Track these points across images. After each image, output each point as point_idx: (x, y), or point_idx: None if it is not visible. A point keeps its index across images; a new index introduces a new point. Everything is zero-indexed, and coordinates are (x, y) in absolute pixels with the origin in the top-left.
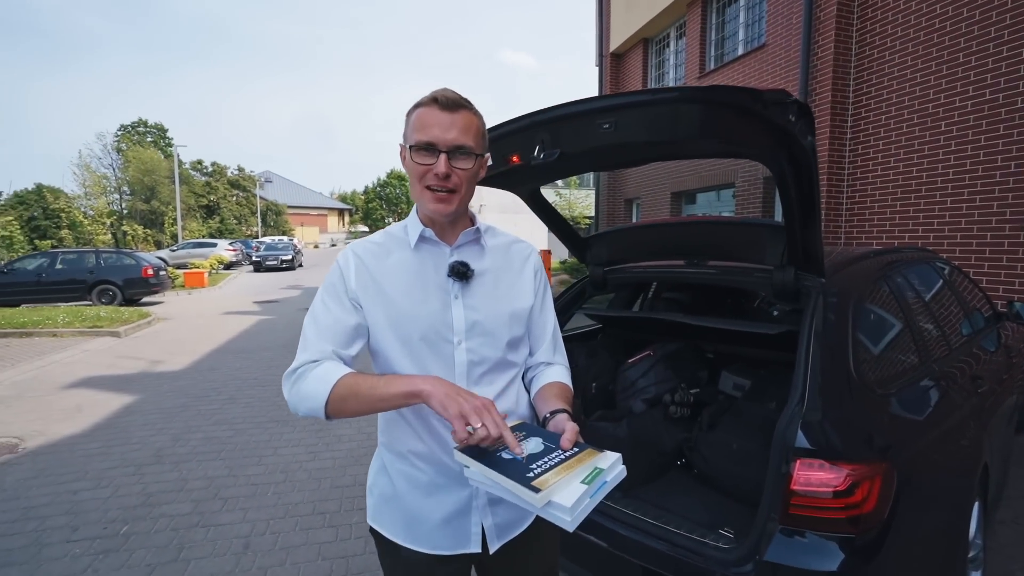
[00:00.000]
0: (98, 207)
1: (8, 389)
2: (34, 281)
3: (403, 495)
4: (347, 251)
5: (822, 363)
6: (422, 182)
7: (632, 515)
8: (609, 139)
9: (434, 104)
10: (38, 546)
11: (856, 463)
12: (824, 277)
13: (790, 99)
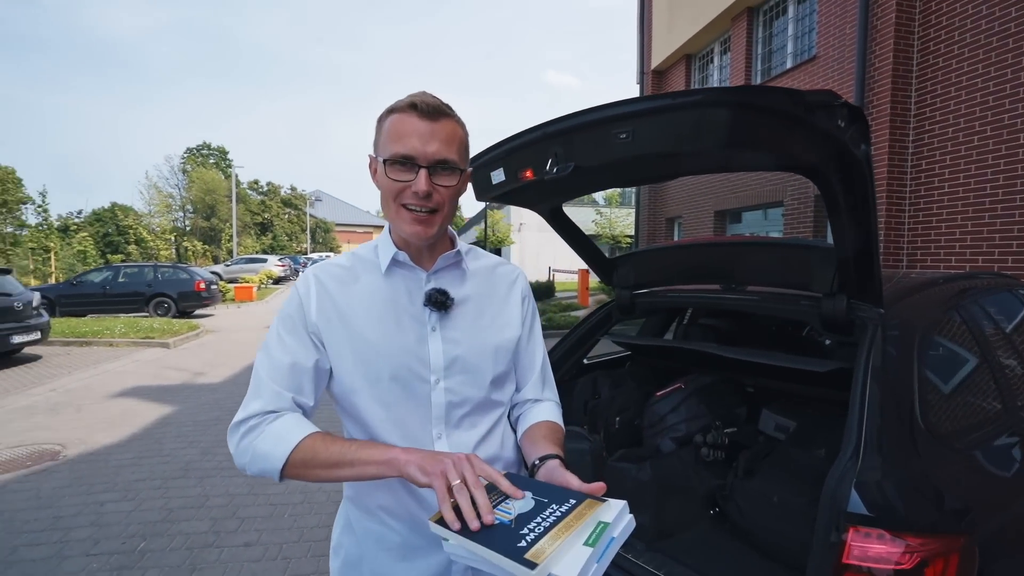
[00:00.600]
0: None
1: (61, 396)
2: (100, 293)
3: (371, 558)
4: (307, 275)
5: (882, 408)
6: (398, 200)
7: (654, 573)
8: (628, 151)
9: (412, 111)
10: (59, 558)
11: (926, 535)
12: (883, 307)
13: (838, 101)
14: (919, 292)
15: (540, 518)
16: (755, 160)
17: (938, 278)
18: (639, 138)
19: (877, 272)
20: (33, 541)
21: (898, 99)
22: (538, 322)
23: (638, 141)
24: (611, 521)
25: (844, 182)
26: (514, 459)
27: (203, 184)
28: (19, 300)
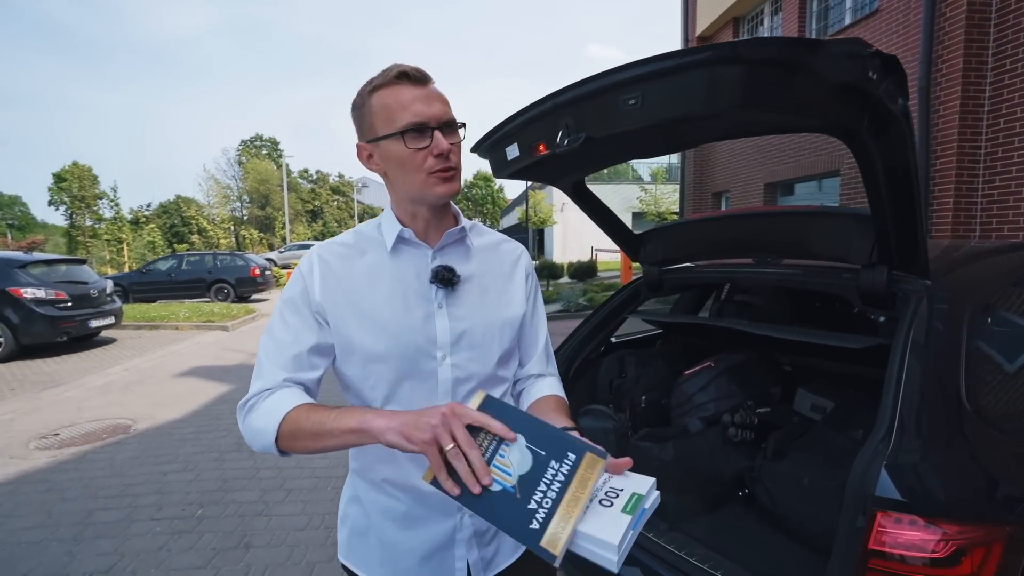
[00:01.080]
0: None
1: (133, 375)
2: (166, 280)
3: (378, 528)
4: (311, 255)
5: (921, 386)
6: (423, 168)
7: (675, 553)
8: (638, 117)
9: (405, 80)
10: (128, 521)
11: (964, 523)
12: (928, 278)
13: (868, 50)
14: (976, 262)
15: (544, 484)
16: (778, 122)
17: (1002, 247)
18: (648, 103)
19: (922, 240)
20: (106, 505)
21: (972, 52)
22: (540, 298)
23: (647, 106)
24: (644, 493)
25: (880, 142)
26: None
27: (257, 174)
28: (95, 287)
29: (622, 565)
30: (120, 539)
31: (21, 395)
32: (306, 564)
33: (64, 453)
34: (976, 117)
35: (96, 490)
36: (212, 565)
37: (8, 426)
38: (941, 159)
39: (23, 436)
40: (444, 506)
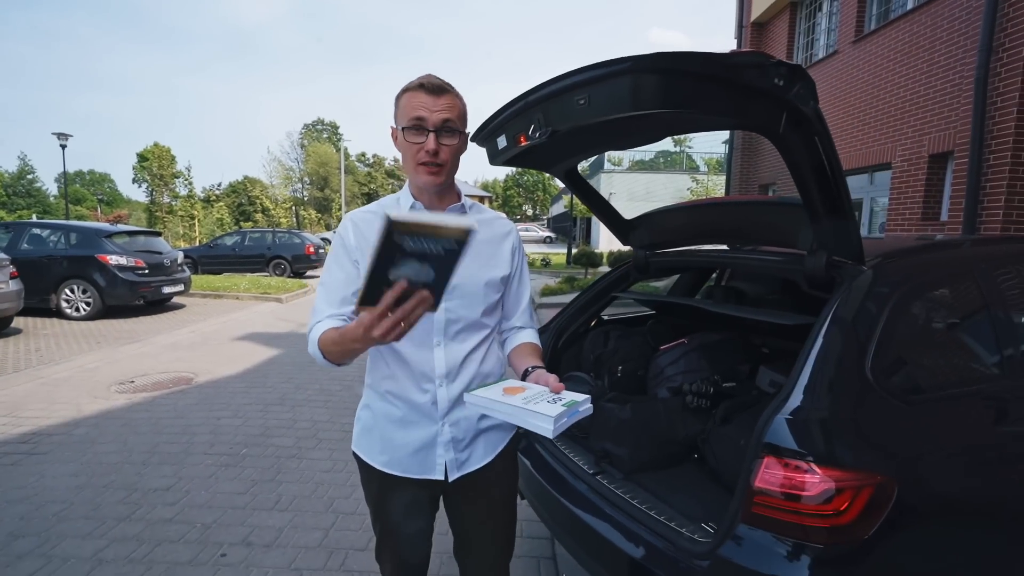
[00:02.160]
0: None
1: (197, 337)
2: (231, 254)
3: (381, 427)
4: (345, 220)
5: (823, 356)
6: (415, 159)
7: (622, 497)
8: (588, 115)
9: (421, 89)
10: (185, 454)
11: (838, 469)
12: (863, 264)
13: (770, 61)
14: (927, 253)
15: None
16: (706, 121)
17: (963, 240)
18: (593, 103)
19: (853, 229)
20: (169, 440)
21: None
22: (526, 267)
23: (593, 106)
24: (579, 401)
25: (799, 140)
26: (497, 371)
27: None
28: (168, 257)
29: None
30: (179, 466)
31: (105, 348)
32: (328, 499)
33: (137, 397)
34: None
35: (162, 428)
36: (250, 493)
37: (94, 373)
38: (995, 153)
39: (106, 381)
40: (430, 416)
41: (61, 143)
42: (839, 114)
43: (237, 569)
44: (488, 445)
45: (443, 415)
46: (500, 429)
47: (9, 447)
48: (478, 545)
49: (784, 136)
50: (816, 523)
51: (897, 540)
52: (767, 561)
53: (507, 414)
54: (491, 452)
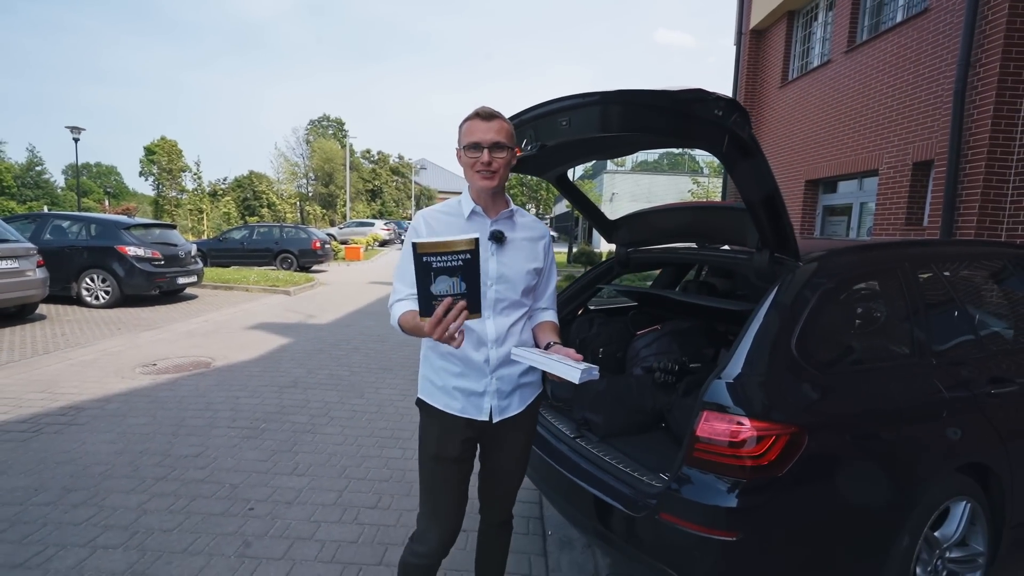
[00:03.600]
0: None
1: (212, 326)
2: (239, 248)
3: (443, 380)
4: (419, 216)
5: (759, 334)
6: (473, 169)
7: (595, 454)
8: (570, 134)
9: (477, 118)
10: (210, 427)
11: (760, 420)
12: (799, 260)
13: (710, 96)
14: (855, 253)
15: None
16: (667, 140)
17: (894, 243)
18: (574, 125)
19: (789, 231)
20: (194, 416)
21: (1011, 56)
22: (554, 261)
23: (573, 127)
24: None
25: (740, 158)
26: (530, 341)
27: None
28: (182, 250)
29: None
30: (205, 437)
31: (126, 334)
32: (340, 466)
33: (161, 378)
34: (1011, 123)
35: (186, 404)
36: (271, 460)
37: (119, 355)
38: (971, 163)
39: (130, 363)
40: (482, 371)
41: (74, 136)
42: (831, 121)
43: (264, 520)
44: (522, 398)
45: (492, 370)
46: (531, 386)
47: (51, 418)
48: (505, 472)
49: (727, 155)
50: (743, 463)
51: (806, 476)
52: (703, 494)
53: (546, 365)
54: (523, 403)
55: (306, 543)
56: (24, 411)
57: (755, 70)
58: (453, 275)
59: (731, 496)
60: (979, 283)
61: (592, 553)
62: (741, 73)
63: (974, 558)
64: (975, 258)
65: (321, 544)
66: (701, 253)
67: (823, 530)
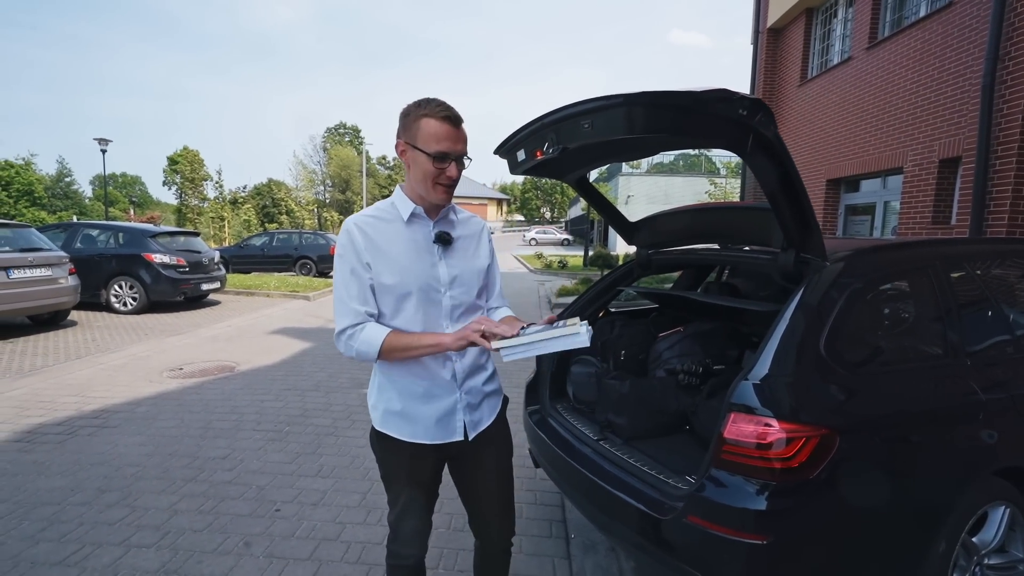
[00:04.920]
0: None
1: (234, 331)
2: (259, 255)
3: (405, 403)
4: (348, 224)
5: (787, 334)
6: (435, 180)
7: (619, 456)
8: (593, 136)
9: (447, 121)
10: (235, 429)
11: (790, 423)
12: (826, 259)
13: (735, 96)
14: (884, 252)
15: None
16: (690, 141)
17: (923, 242)
18: (597, 127)
19: (815, 230)
20: (220, 419)
21: None
22: (496, 256)
23: (597, 129)
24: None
25: (765, 157)
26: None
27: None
28: (206, 256)
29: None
30: (231, 440)
31: (153, 339)
32: (364, 468)
33: (188, 382)
34: None
35: (213, 408)
36: (295, 463)
37: (147, 360)
38: (1001, 159)
39: (158, 367)
40: (448, 388)
41: (101, 148)
42: (853, 119)
43: (291, 521)
44: (491, 408)
45: (460, 384)
46: (496, 394)
47: (84, 421)
48: (491, 493)
49: (751, 155)
50: (772, 465)
51: (837, 480)
52: (732, 496)
53: (543, 347)
54: (493, 413)
55: (332, 544)
56: (59, 414)
57: (773, 69)
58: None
59: (760, 499)
60: (1013, 282)
61: (616, 556)
62: (758, 72)
63: (1014, 565)
64: (1009, 256)
65: (347, 545)
66: (724, 254)
67: (856, 534)
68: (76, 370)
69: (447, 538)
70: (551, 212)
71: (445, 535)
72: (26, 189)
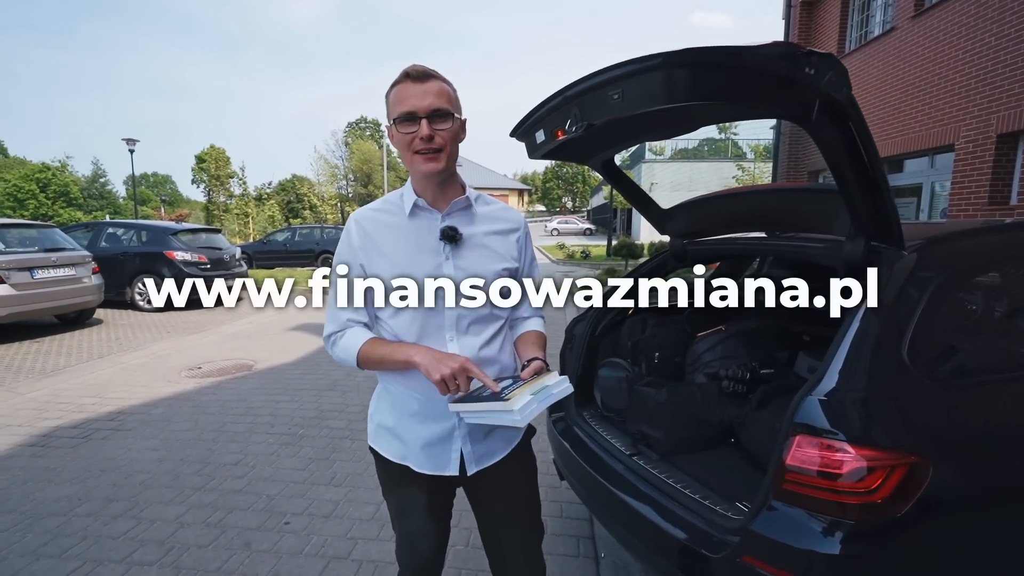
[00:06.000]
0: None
1: (255, 327)
2: (282, 250)
3: (397, 418)
4: (350, 220)
5: (859, 339)
6: (411, 149)
7: (656, 475)
8: (622, 108)
9: (407, 79)
10: (249, 432)
11: (871, 448)
12: (904, 249)
13: (801, 51)
14: (971, 238)
15: (514, 386)
16: (738, 111)
17: (994, 227)
18: (627, 98)
19: (891, 214)
20: (234, 421)
21: None
22: (534, 259)
23: (627, 100)
24: (551, 384)
25: (834, 126)
26: (511, 363)
27: (361, 155)
28: (227, 253)
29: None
30: (244, 444)
31: (174, 337)
32: None
33: (205, 381)
34: None
35: (228, 409)
36: (308, 469)
37: (166, 359)
38: None
39: (176, 367)
40: (444, 411)
41: (129, 148)
42: (896, 94)
43: (300, 536)
44: (505, 437)
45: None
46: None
47: (100, 423)
48: (508, 530)
49: (817, 124)
50: (848, 500)
51: (931, 520)
52: (797, 535)
53: (479, 417)
54: (509, 445)
55: (342, 563)
56: (76, 416)
57: (806, 44)
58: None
59: (833, 540)
60: None
61: None
62: None
63: None
64: None
65: (358, 565)
66: (771, 243)
67: None
68: (97, 370)
69: (465, 557)
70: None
71: (463, 553)
72: (62, 190)
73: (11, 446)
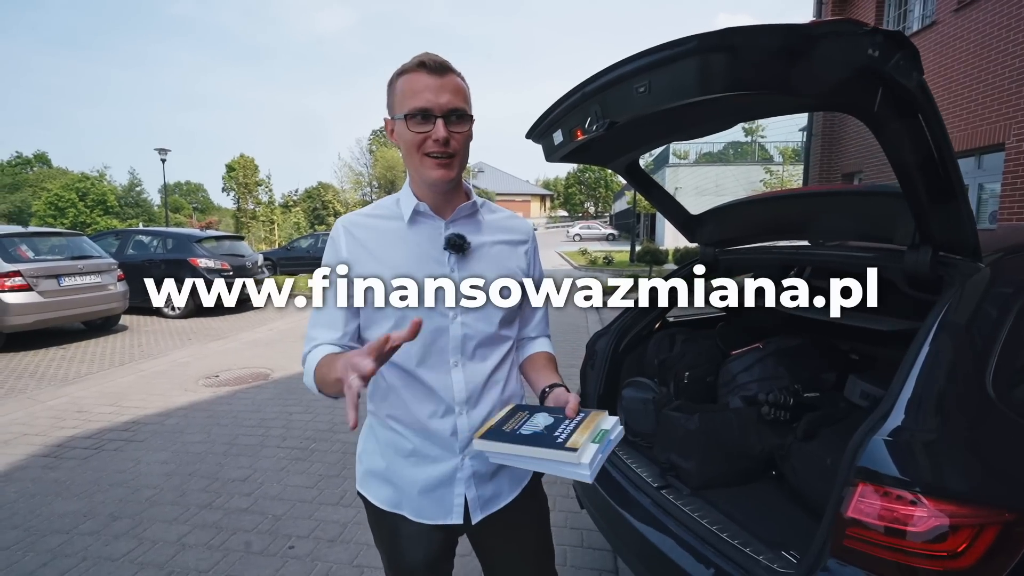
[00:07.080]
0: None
1: (275, 335)
2: (305, 256)
3: (389, 461)
4: (337, 226)
5: (931, 367)
6: (421, 150)
7: (689, 515)
8: (649, 103)
9: (422, 69)
10: (260, 446)
11: (954, 502)
12: (980, 260)
13: (863, 28)
14: None
15: (563, 427)
16: (785, 103)
17: None
18: (655, 91)
19: (967, 220)
20: (246, 433)
21: None
22: (542, 268)
23: (655, 93)
24: (609, 428)
25: (899, 119)
26: (518, 390)
27: (385, 162)
28: (250, 260)
29: (594, 479)
30: (254, 458)
31: (196, 344)
32: None
33: (221, 390)
34: None
35: (241, 420)
36: (317, 487)
37: (186, 367)
38: None
39: (195, 375)
40: (448, 448)
41: (161, 157)
42: (938, 92)
43: (303, 562)
44: (512, 477)
45: (463, 447)
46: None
47: (114, 434)
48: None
49: (879, 115)
50: (926, 564)
51: None
52: None
53: (535, 464)
54: (517, 485)
55: None
56: (91, 426)
57: None
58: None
59: None
60: None
61: None
62: None
63: None
64: None
65: None
66: (816, 253)
67: None
68: (117, 377)
69: None
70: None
71: None
72: (100, 199)
73: (25, 456)
